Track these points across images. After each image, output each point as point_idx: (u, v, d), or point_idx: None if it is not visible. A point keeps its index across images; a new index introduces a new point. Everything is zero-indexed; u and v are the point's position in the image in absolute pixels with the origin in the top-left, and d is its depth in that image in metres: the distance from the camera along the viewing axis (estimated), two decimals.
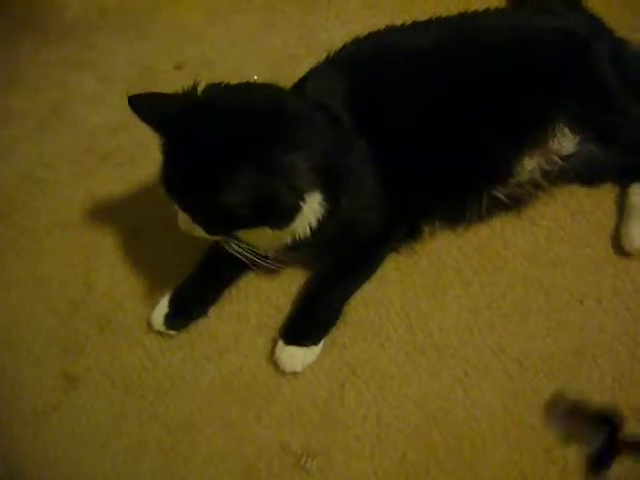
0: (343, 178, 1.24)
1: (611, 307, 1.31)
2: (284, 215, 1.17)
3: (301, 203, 1.16)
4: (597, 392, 1.22)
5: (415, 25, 1.41)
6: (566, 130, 1.33)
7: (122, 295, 1.43)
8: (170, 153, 1.17)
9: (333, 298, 1.32)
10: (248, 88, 1.23)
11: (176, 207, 1.20)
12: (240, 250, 1.24)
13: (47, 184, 1.64)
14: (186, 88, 1.20)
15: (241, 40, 1.80)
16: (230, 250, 1.25)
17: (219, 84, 1.21)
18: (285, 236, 1.23)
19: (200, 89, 1.19)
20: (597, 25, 1.43)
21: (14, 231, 1.57)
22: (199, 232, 1.21)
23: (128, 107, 1.19)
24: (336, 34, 1.44)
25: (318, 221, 1.22)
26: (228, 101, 1.18)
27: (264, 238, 1.23)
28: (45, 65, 1.88)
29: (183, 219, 1.21)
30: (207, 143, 1.12)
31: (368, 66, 1.35)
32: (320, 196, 1.19)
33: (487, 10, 1.44)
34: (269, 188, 1.11)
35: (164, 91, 1.22)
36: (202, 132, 1.13)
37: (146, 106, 1.19)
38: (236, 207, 1.12)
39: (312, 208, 1.19)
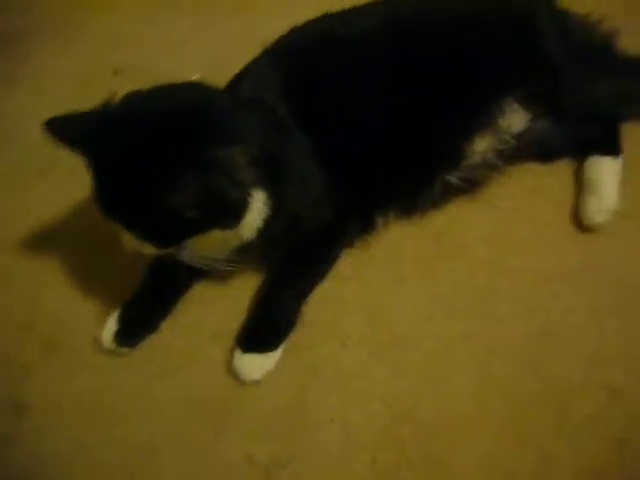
0: (285, 173, 1.20)
1: (577, 285, 1.27)
2: (233, 212, 1.11)
3: (248, 198, 1.11)
4: (571, 374, 1.18)
5: (353, 10, 1.37)
6: (516, 107, 1.31)
7: (69, 315, 1.35)
8: (100, 172, 1.10)
9: (288, 300, 1.27)
10: (168, 90, 1.16)
11: (118, 228, 1.14)
12: (191, 259, 1.19)
13: None
14: (106, 99, 1.14)
15: (179, 40, 1.75)
16: (181, 260, 1.19)
17: (137, 91, 1.15)
18: (234, 239, 1.18)
19: (117, 99, 1.13)
20: None
21: None
22: (149, 249, 1.15)
23: None
24: (277, 27, 1.38)
25: (264, 220, 1.16)
26: (149, 106, 1.12)
27: (213, 244, 1.17)
28: None
29: (129, 239, 1.14)
30: (136, 153, 1.06)
31: (305, 56, 1.31)
32: (264, 193, 1.14)
33: None
34: (211, 184, 1.05)
35: (103, 98, 1.15)
36: (129, 143, 1.07)
37: (64, 128, 1.12)
38: (183, 210, 1.06)
39: (257, 206, 1.14)
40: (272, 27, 1.39)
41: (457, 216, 1.36)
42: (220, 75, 1.34)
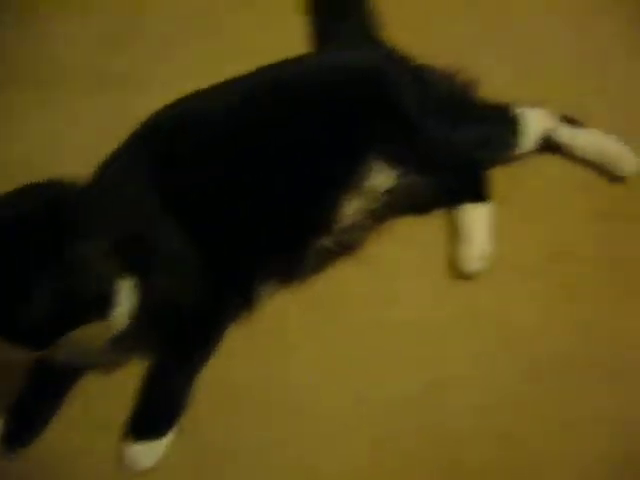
0: (153, 257, 1.19)
1: (458, 335, 1.30)
2: (99, 306, 1.10)
3: (113, 289, 1.10)
4: (461, 424, 1.21)
5: (217, 86, 1.39)
6: (381, 165, 1.33)
7: None
8: None
9: (175, 384, 1.25)
10: (18, 194, 1.12)
11: None
12: (66, 357, 1.17)
13: None
14: None
15: (59, 130, 1.71)
16: (59, 358, 1.17)
17: None
18: (107, 330, 1.15)
19: None
20: (393, 55, 1.45)
21: None
22: (21, 354, 1.11)
23: None
24: (155, 105, 1.39)
25: (137, 307, 1.15)
26: None
27: (86, 337, 1.13)
28: None
29: None
30: None
31: (168, 136, 1.32)
32: (131, 281, 1.13)
33: (286, 60, 1.43)
34: (70, 285, 1.04)
35: None
36: None
37: None
38: (49, 317, 1.04)
39: (125, 295, 1.13)
40: (149, 110, 1.39)
41: (336, 278, 1.37)
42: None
